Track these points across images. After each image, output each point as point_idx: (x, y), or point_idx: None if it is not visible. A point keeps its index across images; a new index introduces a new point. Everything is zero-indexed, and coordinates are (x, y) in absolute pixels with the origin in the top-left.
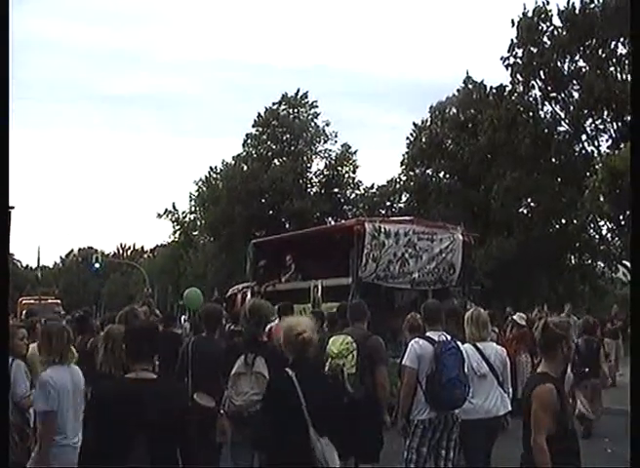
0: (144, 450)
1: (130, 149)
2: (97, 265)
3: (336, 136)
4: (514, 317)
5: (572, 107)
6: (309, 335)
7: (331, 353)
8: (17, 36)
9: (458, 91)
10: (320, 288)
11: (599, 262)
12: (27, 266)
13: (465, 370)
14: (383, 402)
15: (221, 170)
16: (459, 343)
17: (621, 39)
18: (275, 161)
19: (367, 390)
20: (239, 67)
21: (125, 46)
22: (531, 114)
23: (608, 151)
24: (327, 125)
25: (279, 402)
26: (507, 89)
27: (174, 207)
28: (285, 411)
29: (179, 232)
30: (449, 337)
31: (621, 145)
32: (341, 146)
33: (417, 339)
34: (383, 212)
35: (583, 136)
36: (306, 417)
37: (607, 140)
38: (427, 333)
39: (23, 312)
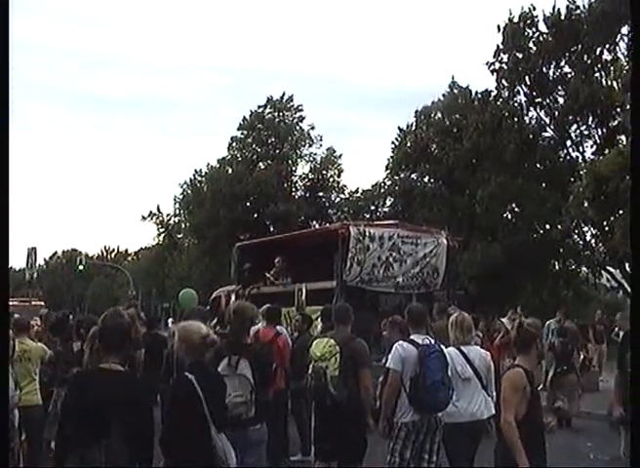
0: (118, 435)
1: (114, 151)
2: (81, 267)
3: (321, 140)
4: (503, 320)
5: (557, 113)
6: (212, 339)
7: (314, 356)
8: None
9: (443, 95)
10: (304, 291)
11: (583, 268)
12: (11, 268)
13: (449, 373)
14: (367, 404)
15: (206, 173)
16: (442, 347)
17: (607, 45)
18: (260, 164)
19: (350, 393)
20: (225, 71)
21: (111, 48)
22: (516, 119)
23: (592, 157)
24: (312, 128)
25: (181, 404)
26: (493, 94)
27: (158, 209)
28: (187, 413)
29: (163, 235)
30: (433, 341)
31: (606, 151)
32: (326, 150)
33: (401, 342)
34: (368, 216)
35: (568, 142)
36: (208, 417)
37: (591, 146)
38: (411, 336)
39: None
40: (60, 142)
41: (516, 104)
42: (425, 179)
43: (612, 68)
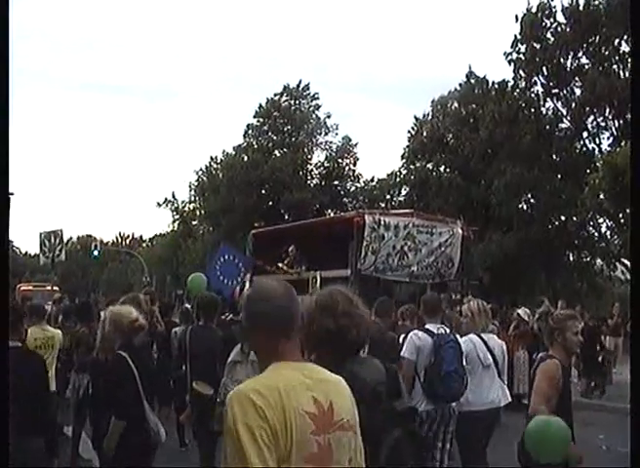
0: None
1: (130, 138)
2: (95, 253)
3: (337, 129)
4: (519, 312)
5: (574, 104)
6: (142, 323)
7: None
8: (11, 24)
9: (460, 85)
10: (319, 279)
11: (598, 260)
12: (27, 253)
13: (464, 362)
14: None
15: (222, 160)
16: (457, 336)
17: (625, 37)
18: (276, 152)
19: None
20: (242, 58)
21: (127, 33)
22: (532, 110)
23: (609, 149)
24: (328, 117)
25: (117, 380)
26: (510, 84)
27: (173, 196)
28: (123, 387)
29: (178, 221)
30: (448, 330)
31: (623, 143)
32: (342, 138)
33: (416, 331)
34: (383, 205)
35: (585, 134)
36: (141, 393)
37: (608, 138)
38: (427, 326)
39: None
40: (75, 129)
41: (533, 95)
42: (441, 169)
43: (629, 60)
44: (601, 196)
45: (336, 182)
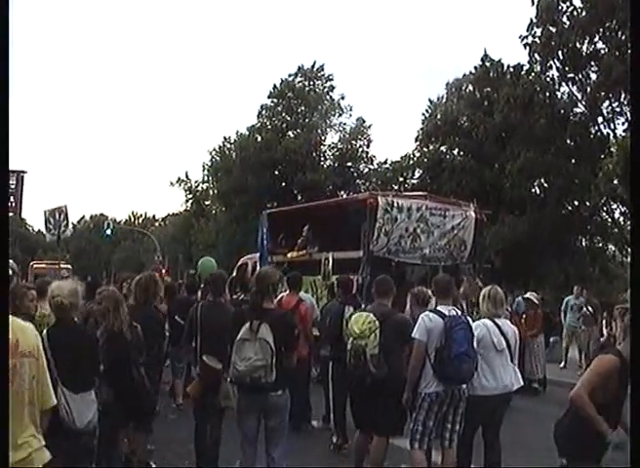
0: None
1: (145, 117)
2: (108, 232)
3: (351, 110)
4: (528, 295)
5: (589, 89)
6: (60, 300)
7: (352, 333)
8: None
9: (475, 68)
10: (331, 260)
11: (610, 245)
12: (39, 231)
13: (478, 346)
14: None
15: (235, 140)
16: (469, 318)
17: None
18: (289, 133)
19: (391, 368)
20: (257, 38)
21: (141, 13)
22: (547, 94)
23: (623, 134)
24: (342, 98)
25: None
26: (525, 68)
27: (187, 176)
28: None
29: (191, 201)
30: (459, 312)
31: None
32: (356, 120)
33: (427, 313)
34: (396, 187)
35: (600, 119)
36: (54, 374)
37: (623, 123)
38: (438, 307)
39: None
40: (89, 106)
41: (548, 79)
42: (455, 152)
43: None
44: (615, 181)
45: (349, 164)
